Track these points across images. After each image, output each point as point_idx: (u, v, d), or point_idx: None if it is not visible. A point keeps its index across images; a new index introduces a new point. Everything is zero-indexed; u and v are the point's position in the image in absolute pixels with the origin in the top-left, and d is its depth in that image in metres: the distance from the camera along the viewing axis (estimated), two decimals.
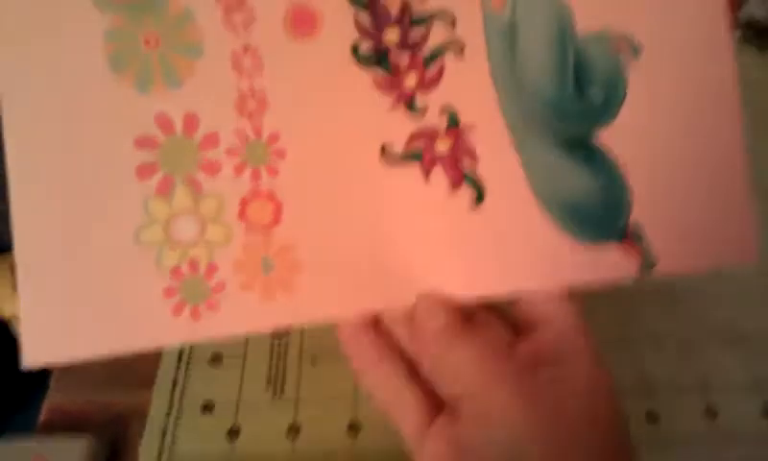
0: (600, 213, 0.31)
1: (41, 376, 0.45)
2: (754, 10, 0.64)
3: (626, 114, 0.31)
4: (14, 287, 0.47)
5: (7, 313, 0.46)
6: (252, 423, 0.44)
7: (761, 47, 0.63)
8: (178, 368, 0.47)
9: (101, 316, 0.31)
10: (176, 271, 0.32)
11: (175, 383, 0.46)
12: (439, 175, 0.32)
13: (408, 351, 0.32)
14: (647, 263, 0.31)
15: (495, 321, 0.32)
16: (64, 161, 0.31)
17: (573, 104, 0.31)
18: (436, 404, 0.31)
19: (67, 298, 0.31)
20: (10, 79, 0.31)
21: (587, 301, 0.31)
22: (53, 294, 0.31)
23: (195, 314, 0.32)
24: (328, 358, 0.46)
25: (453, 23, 0.31)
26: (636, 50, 0.31)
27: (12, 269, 0.38)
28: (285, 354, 0.47)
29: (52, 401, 0.46)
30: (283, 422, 0.44)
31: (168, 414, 0.45)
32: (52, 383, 0.47)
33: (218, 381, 0.46)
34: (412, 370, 0.32)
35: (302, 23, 0.31)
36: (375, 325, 0.32)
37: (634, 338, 0.46)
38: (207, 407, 0.45)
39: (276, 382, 0.46)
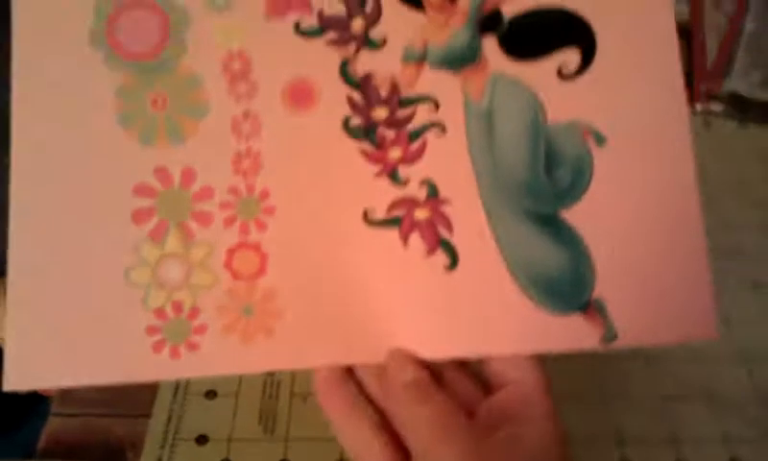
0: (565, 286, 0.33)
1: (39, 402, 0.45)
2: (735, 84, 0.67)
3: (591, 196, 0.34)
4: None
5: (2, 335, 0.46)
6: (244, 457, 0.45)
7: (743, 120, 0.66)
8: (173, 400, 0.48)
9: (84, 347, 0.32)
10: (160, 311, 0.33)
11: (170, 415, 0.47)
12: (416, 240, 0.34)
13: (379, 403, 0.33)
14: (609, 335, 0.33)
15: (464, 378, 0.34)
16: (65, 198, 0.33)
17: (543, 185, 0.34)
18: (404, 457, 0.31)
19: (54, 327, 0.32)
20: (23, 117, 0.34)
21: (563, 355, 0.32)
22: (41, 321, 0.32)
23: (174, 353, 0.33)
24: None
25: (437, 106, 0.35)
26: (600, 139, 0.34)
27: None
28: (277, 392, 0.49)
29: (51, 429, 0.47)
30: (274, 457, 0.45)
31: (163, 445, 0.46)
32: (51, 410, 0.47)
33: (212, 415, 0.47)
34: (383, 421, 0.32)
35: (300, 96, 0.35)
36: (349, 375, 0.33)
37: (609, 393, 0.47)
38: (201, 440, 0.46)
39: (267, 418, 0.47)
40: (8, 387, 0.32)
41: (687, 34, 0.72)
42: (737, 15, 0.73)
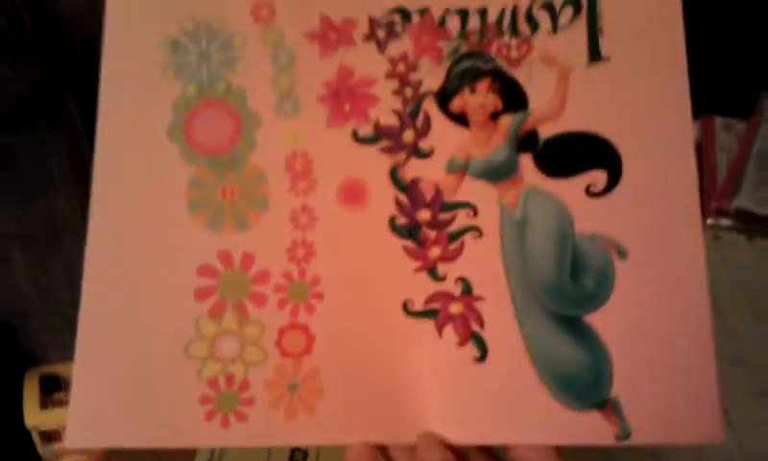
0: (586, 384, 0.36)
1: None
2: (743, 201, 0.71)
3: (613, 304, 0.37)
4: (41, 402, 0.51)
5: (30, 424, 0.49)
6: None
7: (750, 235, 0.70)
8: None
9: (142, 411, 0.36)
10: (213, 382, 0.36)
11: None
12: (450, 332, 0.37)
13: None
14: (623, 433, 0.36)
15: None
16: (136, 273, 0.37)
17: (569, 290, 0.37)
18: None
19: (116, 391, 0.36)
20: (103, 198, 0.38)
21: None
22: (102, 385, 0.36)
23: (224, 422, 0.36)
24: None
25: (475, 212, 0.38)
26: (622, 253, 0.37)
27: (41, 382, 0.44)
28: None
29: None
30: None
31: None
32: None
33: None
34: None
35: (353, 195, 0.39)
36: (380, 452, 0.36)
37: None
38: None
39: None
40: (70, 444, 0.35)
41: (699, 153, 0.77)
42: (747, 137, 0.78)
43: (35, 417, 0.50)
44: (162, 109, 0.39)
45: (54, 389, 0.41)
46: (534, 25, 0.40)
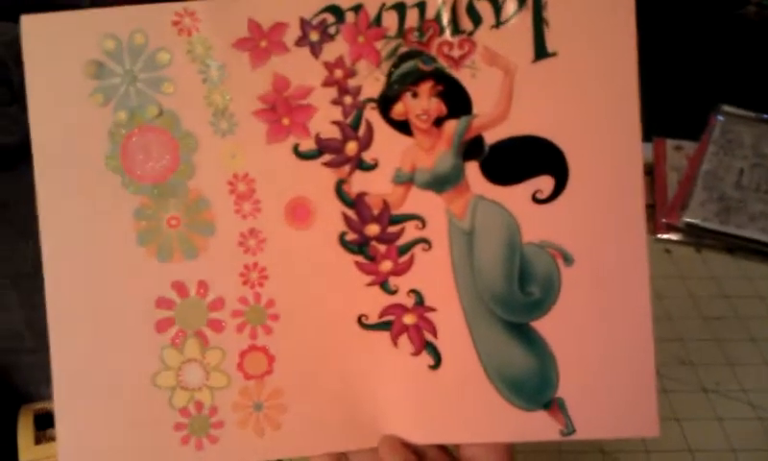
0: (533, 386, 0.38)
1: None
2: (691, 216, 0.74)
3: (558, 310, 0.38)
4: (35, 438, 0.53)
5: (25, 459, 0.52)
6: None
7: (699, 247, 0.74)
8: None
9: (123, 445, 0.38)
10: (184, 410, 0.39)
11: None
12: (404, 342, 0.39)
13: None
14: (568, 429, 0.38)
15: (444, 458, 0.40)
16: (94, 315, 0.38)
17: (517, 298, 0.38)
18: None
19: (95, 432, 0.38)
20: (52, 247, 0.38)
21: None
22: (83, 428, 0.38)
23: (199, 445, 0.39)
24: None
25: (424, 224, 0.38)
26: (568, 259, 0.38)
27: (35, 419, 0.46)
28: None
29: None
30: None
31: None
32: None
33: None
34: None
35: (300, 214, 0.38)
36: (344, 458, 0.39)
37: None
38: None
39: None
40: None
41: (651, 173, 0.81)
42: (696, 157, 0.81)
43: (29, 453, 0.52)
44: (98, 139, 0.38)
45: (48, 425, 0.44)
46: (476, 19, 0.37)
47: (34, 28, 0.37)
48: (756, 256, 0.72)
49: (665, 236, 0.75)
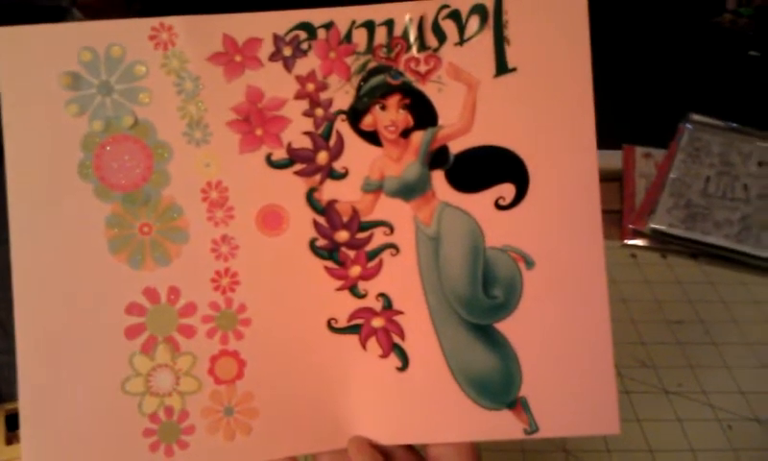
0: (497, 386, 0.40)
1: None
2: (657, 222, 0.77)
3: (521, 312, 0.40)
4: (6, 438, 0.52)
5: None
6: None
7: (664, 253, 0.77)
8: None
9: (91, 453, 0.38)
10: (154, 416, 0.39)
11: None
12: (373, 345, 0.40)
13: None
14: (531, 428, 0.40)
15: (411, 457, 0.40)
16: (63, 321, 0.38)
17: (481, 300, 0.40)
18: None
19: (62, 438, 0.38)
20: (22, 251, 0.38)
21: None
22: (50, 434, 0.38)
23: (168, 452, 0.39)
24: None
25: (392, 230, 0.40)
26: (529, 263, 0.40)
27: (6, 419, 0.45)
28: None
29: None
30: None
31: None
32: None
33: None
34: None
35: (272, 221, 0.39)
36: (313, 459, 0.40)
37: None
38: None
39: None
40: None
41: (620, 179, 0.84)
42: (664, 164, 0.84)
43: (0, 453, 0.51)
44: (70, 148, 0.38)
45: (19, 425, 0.43)
46: (441, 37, 0.39)
47: (9, 40, 0.38)
48: (719, 262, 0.75)
49: (632, 242, 0.78)
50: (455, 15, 0.39)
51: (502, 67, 0.39)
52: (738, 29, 1.24)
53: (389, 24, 0.39)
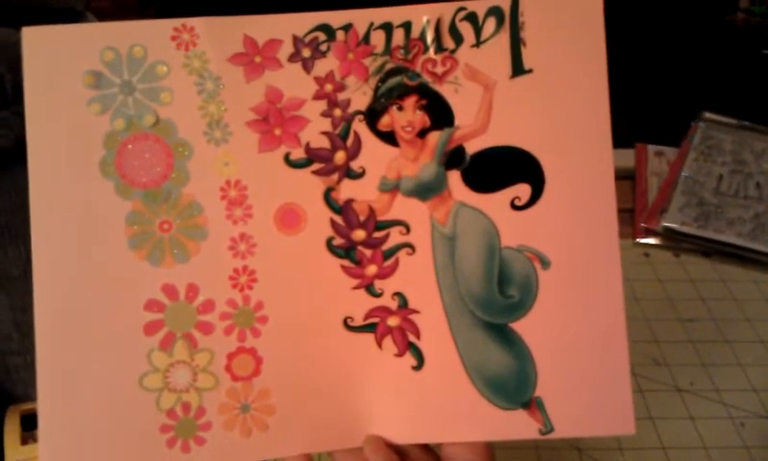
0: (512, 386, 0.40)
1: None
2: (670, 221, 0.77)
3: (536, 312, 0.40)
4: (21, 438, 0.53)
5: (11, 460, 0.51)
6: None
7: (676, 251, 0.77)
8: None
9: (107, 447, 0.38)
10: (171, 412, 0.39)
11: None
12: (389, 343, 0.40)
13: None
14: (546, 428, 0.40)
15: (426, 457, 0.41)
16: (83, 317, 0.39)
17: (497, 300, 0.40)
18: None
19: (80, 432, 0.38)
20: (43, 248, 0.38)
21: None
22: (67, 429, 0.38)
23: (185, 448, 0.39)
24: None
25: (408, 229, 0.40)
26: (545, 262, 0.40)
27: (22, 420, 0.45)
28: None
29: None
30: None
31: None
32: None
33: None
34: None
35: (290, 219, 0.40)
36: (329, 457, 0.40)
37: None
38: None
39: None
40: None
41: (632, 178, 0.84)
42: (677, 163, 0.84)
43: (16, 453, 0.52)
44: (93, 146, 0.39)
45: (34, 426, 0.43)
46: (458, 38, 0.40)
47: (34, 39, 0.39)
48: (732, 260, 0.75)
49: (644, 240, 0.78)
50: (472, 17, 0.40)
51: (518, 68, 0.40)
52: (751, 27, 1.23)
53: (406, 26, 0.40)
